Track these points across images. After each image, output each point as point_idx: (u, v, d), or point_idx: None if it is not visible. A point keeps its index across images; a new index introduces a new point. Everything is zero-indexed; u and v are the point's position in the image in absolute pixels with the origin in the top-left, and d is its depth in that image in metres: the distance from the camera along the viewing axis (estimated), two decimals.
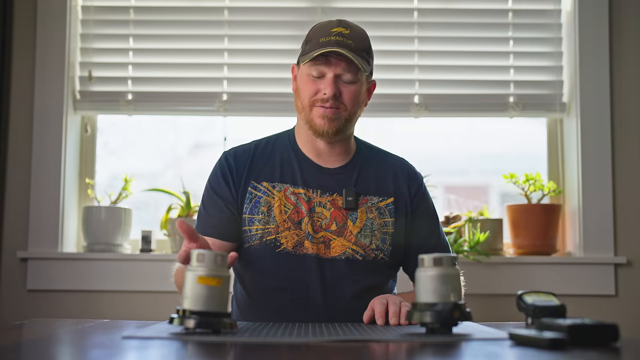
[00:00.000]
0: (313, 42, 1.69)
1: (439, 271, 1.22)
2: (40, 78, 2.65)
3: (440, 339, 1.17)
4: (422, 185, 1.83)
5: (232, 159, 1.77)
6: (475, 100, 2.74)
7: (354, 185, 1.75)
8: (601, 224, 2.61)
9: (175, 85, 2.74)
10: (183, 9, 2.76)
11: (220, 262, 1.22)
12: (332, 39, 1.67)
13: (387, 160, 1.84)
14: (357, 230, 1.71)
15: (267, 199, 1.72)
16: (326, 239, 1.70)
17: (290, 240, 1.69)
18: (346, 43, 1.66)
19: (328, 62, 1.66)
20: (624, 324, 1.29)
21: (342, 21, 1.73)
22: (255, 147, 1.80)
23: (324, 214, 1.71)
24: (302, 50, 1.74)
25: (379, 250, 1.72)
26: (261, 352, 1.08)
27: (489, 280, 2.58)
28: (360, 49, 1.69)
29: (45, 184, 2.61)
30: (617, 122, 2.66)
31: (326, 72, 1.67)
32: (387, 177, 1.79)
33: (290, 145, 1.80)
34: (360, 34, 1.72)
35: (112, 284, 2.58)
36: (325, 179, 1.75)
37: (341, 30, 1.69)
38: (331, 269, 1.69)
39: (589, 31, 2.67)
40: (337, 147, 1.77)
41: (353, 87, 1.69)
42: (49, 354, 1.05)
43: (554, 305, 1.21)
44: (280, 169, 1.76)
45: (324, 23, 1.74)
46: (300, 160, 1.77)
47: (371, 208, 1.74)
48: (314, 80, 1.69)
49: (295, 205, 1.71)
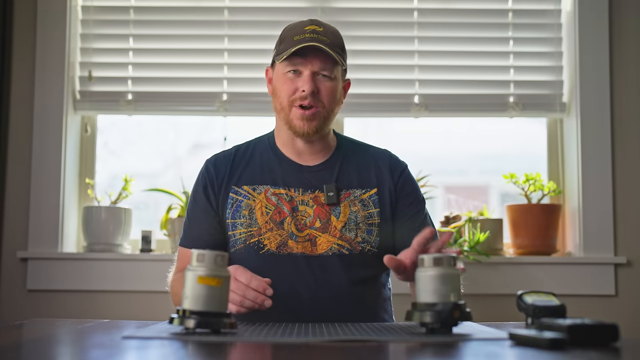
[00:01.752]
0: (287, 41, 1.71)
1: (439, 271, 1.22)
2: (40, 78, 2.65)
3: (440, 339, 1.17)
4: (405, 170, 1.83)
5: (212, 167, 1.80)
6: (475, 100, 2.74)
7: (335, 180, 1.76)
8: (601, 224, 2.61)
9: (175, 85, 2.74)
10: (183, 9, 2.76)
11: (220, 262, 1.22)
12: (306, 36, 1.68)
13: (369, 152, 1.84)
14: (341, 224, 1.71)
15: (247, 202, 1.74)
16: (312, 236, 1.71)
17: (274, 241, 1.70)
18: (321, 39, 1.68)
19: (304, 58, 1.68)
20: (624, 324, 1.29)
21: (315, 20, 1.75)
22: (236, 151, 1.83)
23: (307, 211, 1.72)
24: (276, 51, 1.76)
25: (365, 242, 1.72)
26: (261, 352, 1.08)
27: (489, 280, 2.58)
28: (335, 45, 1.71)
29: (45, 184, 2.61)
30: (617, 122, 2.66)
31: (302, 70, 1.69)
32: (369, 169, 1.80)
33: (270, 146, 1.81)
34: (334, 32, 1.74)
35: (112, 284, 2.57)
36: (306, 176, 1.76)
37: (315, 28, 1.71)
38: (320, 266, 1.70)
39: (589, 31, 2.67)
40: (317, 145, 1.78)
41: (330, 84, 1.71)
42: (49, 354, 1.05)
43: (554, 305, 1.21)
44: (261, 171, 1.77)
45: (296, 23, 1.76)
46: (281, 160, 1.78)
47: (354, 201, 1.74)
48: (291, 79, 1.70)
49: (277, 205, 1.72)
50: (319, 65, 1.69)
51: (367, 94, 2.73)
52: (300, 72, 1.70)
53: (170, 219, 2.65)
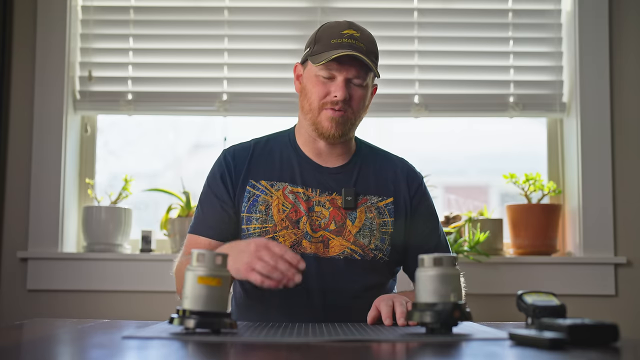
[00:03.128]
0: (323, 42, 1.68)
1: (439, 271, 1.22)
2: (40, 78, 2.65)
3: (440, 339, 1.17)
4: (422, 184, 1.83)
5: (230, 158, 1.77)
6: (475, 100, 2.74)
7: (353, 184, 1.75)
8: (601, 224, 2.61)
9: (175, 85, 2.74)
10: (183, 9, 2.76)
11: (220, 262, 1.22)
12: (344, 41, 1.66)
13: (387, 160, 1.84)
14: (356, 230, 1.71)
15: (265, 197, 1.72)
16: (325, 238, 1.70)
17: (288, 240, 1.69)
18: (358, 46, 1.66)
19: (340, 64, 1.66)
20: (624, 324, 1.29)
21: (352, 24, 1.72)
22: (255, 145, 1.80)
23: (322, 213, 1.71)
24: (310, 50, 1.72)
25: (377, 250, 1.72)
26: (261, 352, 1.08)
27: (489, 280, 2.58)
28: (370, 53, 1.69)
29: (45, 184, 2.61)
30: (617, 122, 2.66)
31: (337, 75, 1.67)
32: (387, 177, 1.79)
33: (290, 144, 1.80)
34: (370, 37, 1.72)
35: (112, 284, 2.57)
36: (325, 178, 1.75)
37: (352, 33, 1.68)
38: (330, 269, 1.69)
39: (589, 31, 2.67)
40: (338, 148, 1.77)
41: (361, 91, 1.70)
42: (49, 354, 1.05)
43: (554, 305, 1.21)
44: (280, 167, 1.76)
45: (332, 24, 1.73)
46: (300, 159, 1.77)
47: (370, 208, 1.74)
48: (323, 82, 1.68)
49: (294, 204, 1.71)
50: (353, 73, 1.67)
51: None
52: (333, 76, 1.67)
53: (170, 219, 2.65)
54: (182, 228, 2.59)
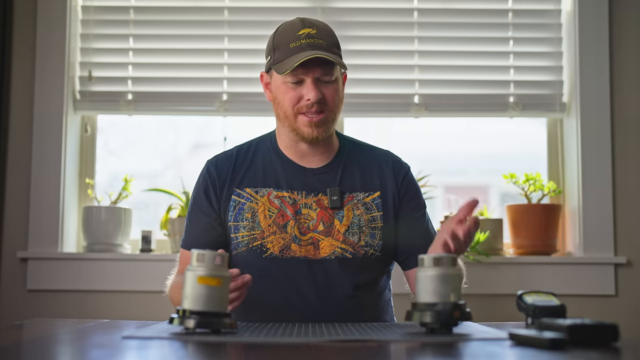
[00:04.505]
0: (283, 48, 1.66)
1: (439, 271, 1.22)
2: (40, 78, 2.65)
3: (440, 339, 1.17)
4: (408, 173, 1.82)
5: (214, 169, 1.78)
6: (475, 100, 2.74)
7: (338, 183, 1.74)
8: (601, 224, 2.61)
9: (175, 85, 2.74)
10: (183, 9, 2.76)
11: (220, 262, 1.22)
12: (303, 43, 1.64)
13: (372, 154, 1.82)
14: (344, 228, 1.70)
15: (250, 205, 1.72)
16: (314, 240, 1.70)
17: (277, 245, 1.69)
18: (318, 44, 1.64)
19: (306, 67, 1.64)
20: (624, 324, 1.29)
21: (305, 20, 1.70)
22: (237, 152, 1.80)
23: (310, 215, 1.71)
24: (271, 59, 1.71)
25: (368, 246, 1.71)
26: (261, 352, 1.08)
27: (489, 280, 2.58)
28: (332, 45, 1.67)
29: (45, 184, 2.61)
30: (617, 122, 2.66)
31: (305, 78, 1.65)
32: (372, 172, 1.78)
33: (272, 148, 1.79)
34: (326, 29, 1.70)
35: (112, 284, 2.57)
36: (309, 179, 1.74)
37: (309, 32, 1.66)
38: (322, 270, 1.69)
39: (589, 31, 2.67)
40: (320, 147, 1.76)
41: (333, 87, 1.68)
42: (49, 354, 1.05)
43: (554, 305, 1.21)
44: (263, 173, 1.75)
45: (286, 26, 1.71)
46: (283, 163, 1.76)
47: (357, 205, 1.73)
48: (292, 87, 1.67)
49: (280, 209, 1.71)
50: (320, 72, 1.65)
51: (367, 94, 2.72)
52: (301, 79, 1.66)
53: (170, 219, 2.65)
54: (182, 228, 2.58)
